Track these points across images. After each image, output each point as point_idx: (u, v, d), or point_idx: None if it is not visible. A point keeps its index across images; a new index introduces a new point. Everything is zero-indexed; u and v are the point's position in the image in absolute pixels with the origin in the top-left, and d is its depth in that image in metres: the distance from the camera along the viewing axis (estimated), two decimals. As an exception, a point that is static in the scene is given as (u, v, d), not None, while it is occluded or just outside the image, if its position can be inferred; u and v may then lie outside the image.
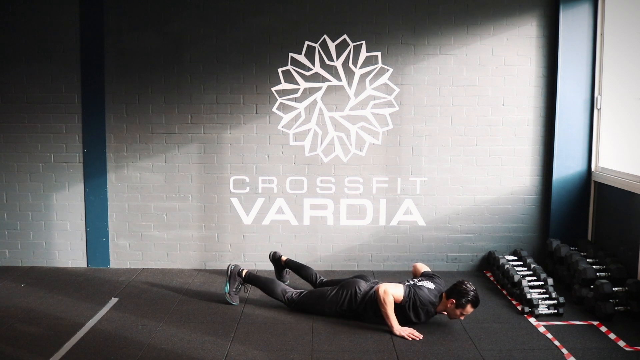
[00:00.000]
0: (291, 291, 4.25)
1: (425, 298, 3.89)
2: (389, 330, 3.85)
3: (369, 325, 3.97)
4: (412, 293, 3.89)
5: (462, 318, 3.93)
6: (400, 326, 3.83)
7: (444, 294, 3.96)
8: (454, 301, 3.85)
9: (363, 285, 4.09)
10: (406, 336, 3.76)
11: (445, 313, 3.99)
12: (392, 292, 3.85)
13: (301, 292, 4.23)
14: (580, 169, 5.08)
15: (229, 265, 4.42)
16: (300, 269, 4.66)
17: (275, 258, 4.83)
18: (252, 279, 4.39)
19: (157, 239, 5.24)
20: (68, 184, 5.18)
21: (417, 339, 3.75)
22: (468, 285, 3.86)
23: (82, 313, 4.14)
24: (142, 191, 5.19)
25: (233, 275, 4.37)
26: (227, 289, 4.35)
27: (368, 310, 3.99)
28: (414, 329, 3.82)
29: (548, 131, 5.10)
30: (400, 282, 4.01)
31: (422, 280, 4.06)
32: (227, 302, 4.34)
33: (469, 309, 3.85)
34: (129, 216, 5.21)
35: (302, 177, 5.17)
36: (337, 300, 4.06)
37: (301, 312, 4.15)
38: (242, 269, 4.42)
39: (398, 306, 3.88)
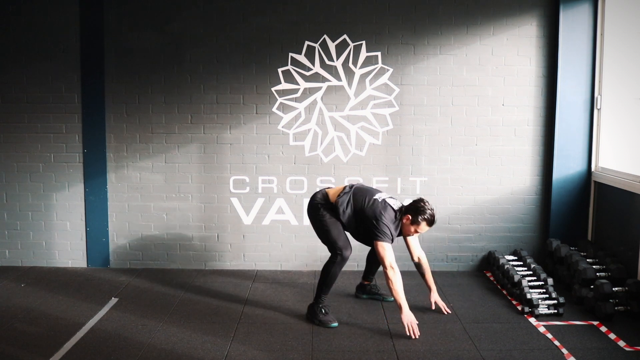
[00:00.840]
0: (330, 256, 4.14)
1: (391, 218, 3.90)
2: (391, 330, 3.84)
3: (369, 325, 3.97)
4: (390, 231, 3.87)
5: (415, 235, 3.96)
6: (409, 311, 3.81)
7: (402, 209, 3.97)
8: (410, 217, 3.87)
9: (320, 195, 4.10)
10: (407, 325, 3.75)
11: (404, 233, 4.00)
12: (393, 261, 3.82)
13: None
14: (580, 169, 5.08)
15: (306, 316, 4.13)
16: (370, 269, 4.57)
17: (363, 288, 4.62)
18: (317, 292, 4.10)
19: (157, 239, 5.24)
20: (68, 184, 5.18)
21: (415, 335, 3.73)
22: (426, 204, 3.87)
23: (82, 313, 4.14)
24: (142, 191, 5.19)
25: (310, 312, 4.07)
26: (317, 321, 3.99)
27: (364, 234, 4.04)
28: (416, 327, 3.82)
29: (548, 131, 5.11)
30: (387, 239, 3.90)
31: (386, 198, 4.01)
32: (328, 327, 3.95)
33: (424, 226, 3.88)
34: (129, 216, 5.21)
35: (302, 177, 5.17)
36: (332, 220, 4.03)
37: (346, 247, 4.03)
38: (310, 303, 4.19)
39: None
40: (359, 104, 5.11)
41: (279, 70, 5.07)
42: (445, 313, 4.16)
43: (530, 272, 4.60)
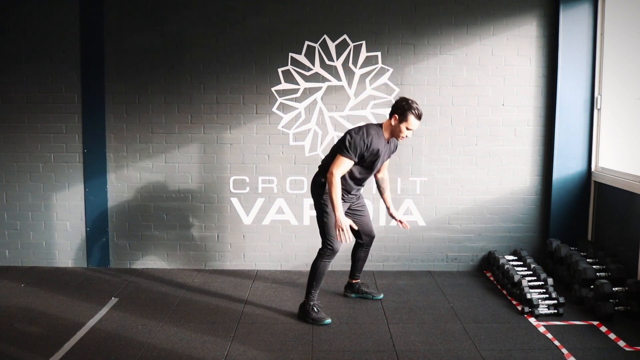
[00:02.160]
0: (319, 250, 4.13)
1: (368, 127, 3.86)
2: (390, 330, 3.85)
3: (369, 325, 3.97)
4: (350, 137, 3.81)
5: (407, 136, 3.89)
6: (344, 217, 3.79)
7: (387, 120, 3.93)
8: (397, 116, 3.84)
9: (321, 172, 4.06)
10: (340, 227, 3.74)
11: (395, 136, 3.95)
12: (339, 170, 3.78)
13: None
14: (580, 169, 5.08)
15: (297, 315, 4.13)
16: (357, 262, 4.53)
17: (352, 287, 4.61)
18: (307, 290, 4.10)
19: (157, 239, 5.24)
20: (68, 184, 5.18)
21: (346, 236, 3.73)
22: (409, 99, 3.84)
23: (82, 313, 4.14)
24: (142, 191, 5.19)
25: (302, 311, 4.08)
26: (310, 320, 4.01)
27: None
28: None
29: (548, 131, 5.11)
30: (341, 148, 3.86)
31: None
32: (322, 324, 3.99)
33: (413, 120, 3.82)
34: (129, 216, 5.21)
35: (302, 177, 5.17)
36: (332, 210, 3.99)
37: (335, 246, 4.01)
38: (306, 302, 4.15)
39: (356, 164, 3.89)
40: (359, 104, 5.11)
41: (279, 70, 5.07)
42: (404, 228, 4.21)
43: (530, 272, 4.60)
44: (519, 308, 4.27)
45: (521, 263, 4.84)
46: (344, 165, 3.84)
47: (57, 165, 5.16)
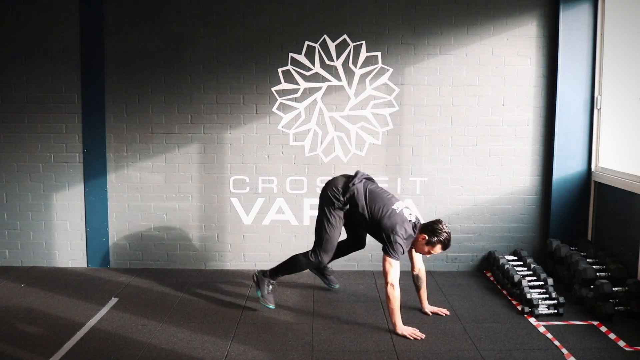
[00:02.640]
0: (309, 251, 4.19)
1: (407, 234, 3.88)
2: (390, 330, 3.85)
3: (369, 325, 3.97)
4: (401, 245, 3.85)
5: (428, 255, 3.94)
6: (403, 326, 3.83)
7: (419, 226, 3.94)
8: (426, 237, 3.85)
9: (340, 184, 4.09)
10: (408, 335, 3.76)
11: (414, 245, 3.98)
12: (396, 279, 3.82)
13: (314, 243, 4.17)
14: (580, 169, 5.08)
15: (253, 274, 4.32)
16: (338, 254, 4.53)
17: (320, 270, 4.69)
18: (276, 269, 4.26)
19: (157, 239, 5.24)
20: (68, 184, 5.18)
21: (419, 338, 3.74)
22: (444, 227, 3.85)
23: (82, 313, 4.14)
24: (142, 191, 5.19)
25: (259, 277, 4.25)
26: (259, 293, 4.21)
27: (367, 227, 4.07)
28: (415, 327, 3.82)
29: (548, 131, 5.11)
30: (396, 256, 3.89)
31: (404, 208, 3.98)
32: (265, 307, 4.18)
33: (438, 249, 3.86)
34: (129, 216, 5.21)
35: (302, 177, 5.17)
36: (337, 224, 4.07)
37: (327, 254, 4.11)
38: (264, 270, 4.33)
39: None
40: (359, 104, 5.11)
41: (279, 70, 5.07)
42: (444, 315, 4.16)
43: (530, 272, 4.60)
44: (519, 308, 4.27)
45: (521, 263, 4.83)
46: (396, 269, 3.86)
47: (57, 165, 5.16)
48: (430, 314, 4.16)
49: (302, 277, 5.01)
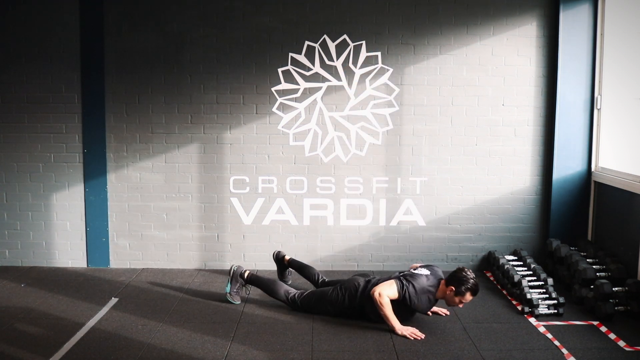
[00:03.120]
0: (294, 292, 4.26)
1: (421, 285, 3.87)
2: (390, 330, 3.85)
3: (369, 325, 3.97)
4: (406, 284, 3.87)
5: (461, 306, 3.92)
6: (402, 325, 3.83)
7: (443, 281, 3.95)
8: (453, 288, 3.84)
9: (362, 282, 4.10)
10: (408, 335, 3.76)
11: (445, 300, 3.96)
12: (386, 293, 3.85)
13: (303, 293, 4.23)
14: (580, 169, 5.08)
15: (232, 266, 4.44)
16: (302, 269, 4.67)
17: (278, 257, 4.84)
18: (254, 280, 4.40)
19: (157, 239, 5.24)
20: (68, 184, 5.18)
21: (419, 338, 3.74)
22: (468, 273, 3.84)
23: (82, 313, 4.14)
24: (142, 191, 5.19)
25: (235, 276, 4.39)
26: (228, 288, 4.38)
27: (366, 307, 3.99)
28: (415, 327, 3.82)
29: (548, 131, 5.11)
30: (392, 278, 3.98)
31: (418, 269, 4.04)
32: (228, 301, 4.35)
33: (468, 297, 3.85)
34: (129, 216, 5.21)
35: (302, 177, 5.17)
36: (337, 299, 4.07)
37: (303, 312, 4.16)
38: (245, 270, 4.43)
39: (397, 301, 3.88)
40: (359, 104, 5.10)
41: (279, 70, 5.07)
42: (444, 315, 4.16)
43: (530, 272, 4.60)
44: (519, 308, 4.27)
45: (521, 263, 4.83)
46: (391, 291, 3.85)
47: (57, 165, 5.16)
48: (430, 314, 4.16)
49: (302, 277, 5.01)
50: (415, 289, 3.86)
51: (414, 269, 4.13)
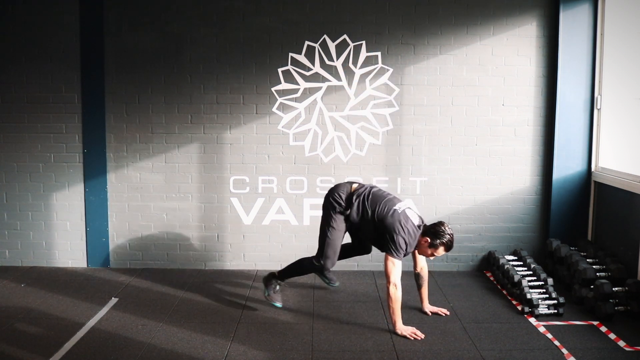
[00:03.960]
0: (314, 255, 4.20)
1: (411, 232, 3.86)
2: (391, 330, 3.85)
3: (369, 325, 3.97)
4: (402, 249, 3.85)
5: (432, 257, 3.94)
6: (403, 325, 3.83)
7: (422, 228, 3.94)
8: (429, 240, 3.86)
9: (343, 190, 4.11)
10: (408, 335, 3.76)
11: (417, 248, 3.96)
12: (399, 280, 3.82)
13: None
14: (580, 169, 5.08)
15: (262, 278, 4.39)
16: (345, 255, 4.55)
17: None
18: (284, 271, 4.30)
19: (157, 239, 5.24)
20: (68, 184, 5.18)
21: (419, 338, 3.74)
22: (446, 229, 3.84)
23: (82, 313, 4.14)
24: (142, 191, 5.19)
25: (267, 278, 4.32)
26: (266, 292, 4.27)
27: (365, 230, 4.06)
28: (416, 327, 3.82)
29: (548, 131, 5.11)
30: (398, 255, 3.87)
31: (403, 207, 3.95)
32: (272, 305, 4.25)
33: (441, 251, 3.87)
34: (129, 216, 5.21)
35: (302, 177, 5.17)
36: (339, 228, 4.06)
37: (333, 256, 4.09)
38: (273, 272, 4.37)
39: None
40: (359, 104, 5.11)
41: (279, 70, 5.07)
42: (444, 315, 4.16)
43: (530, 272, 4.60)
44: (519, 308, 4.27)
45: (521, 263, 4.83)
46: (398, 268, 3.85)
47: (57, 165, 5.16)
48: (430, 313, 4.16)
49: (302, 277, 5.01)
50: (408, 232, 3.84)
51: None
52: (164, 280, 4.91)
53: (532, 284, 4.40)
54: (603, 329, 3.93)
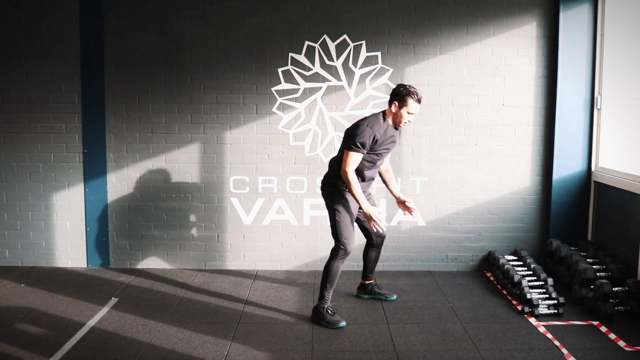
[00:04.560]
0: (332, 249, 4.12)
1: (374, 121, 3.85)
2: (390, 330, 3.85)
3: (369, 325, 3.97)
4: (360, 141, 3.80)
5: (410, 120, 3.88)
6: (370, 206, 3.82)
7: (387, 109, 3.93)
8: (396, 102, 3.84)
9: (326, 175, 4.13)
10: (374, 216, 3.77)
11: (397, 123, 3.92)
12: (352, 169, 3.79)
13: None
14: (580, 169, 5.08)
15: (310, 319, 4.10)
16: (370, 263, 4.48)
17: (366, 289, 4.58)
18: (320, 292, 4.04)
19: (157, 239, 5.24)
20: (68, 184, 5.18)
21: (382, 228, 3.80)
22: (406, 85, 3.84)
23: (82, 313, 4.14)
24: (142, 191, 5.19)
25: (316, 314, 4.03)
26: (325, 323, 3.94)
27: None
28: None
29: (548, 131, 5.11)
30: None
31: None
32: (337, 327, 3.92)
33: (413, 104, 3.81)
34: (129, 216, 5.21)
35: (302, 177, 5.17)
36: (344, 208, 3.99)
37: (351, 238, 4.00)
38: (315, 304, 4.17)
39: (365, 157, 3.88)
40: (359, 104, 5.11)
41: (279, 70, 5.07)
42: (413, 215, 4.16)
43: (530, 272, 4.60)
44: (519, 308, 4.27)
45: (521, 263, 4.83)
46: (354, 161, 3.82)
47: (57, 165, 5.16)
48: (404, 200, 4.13)
49: (302, 276, 5.02)
50: (369, 122, 3.83)
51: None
52: (164, 280, 4.91)
53: (532, 284, 4.40)
54: (603, 329, 3.93)
